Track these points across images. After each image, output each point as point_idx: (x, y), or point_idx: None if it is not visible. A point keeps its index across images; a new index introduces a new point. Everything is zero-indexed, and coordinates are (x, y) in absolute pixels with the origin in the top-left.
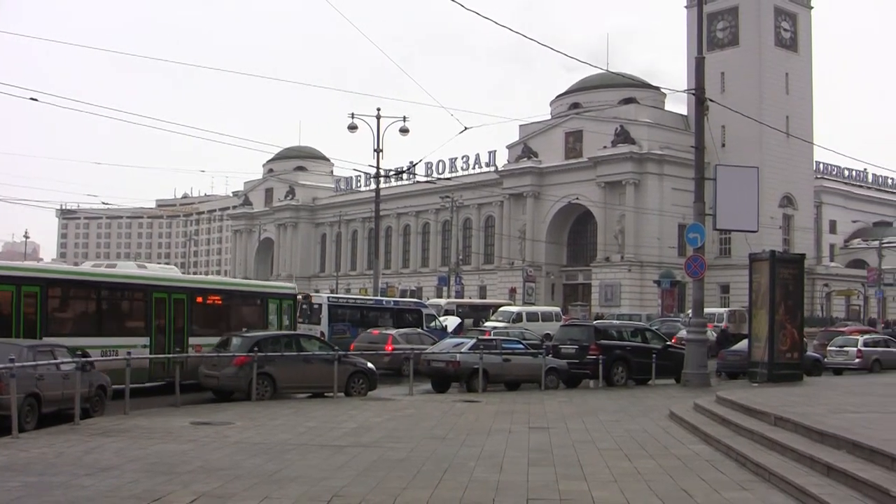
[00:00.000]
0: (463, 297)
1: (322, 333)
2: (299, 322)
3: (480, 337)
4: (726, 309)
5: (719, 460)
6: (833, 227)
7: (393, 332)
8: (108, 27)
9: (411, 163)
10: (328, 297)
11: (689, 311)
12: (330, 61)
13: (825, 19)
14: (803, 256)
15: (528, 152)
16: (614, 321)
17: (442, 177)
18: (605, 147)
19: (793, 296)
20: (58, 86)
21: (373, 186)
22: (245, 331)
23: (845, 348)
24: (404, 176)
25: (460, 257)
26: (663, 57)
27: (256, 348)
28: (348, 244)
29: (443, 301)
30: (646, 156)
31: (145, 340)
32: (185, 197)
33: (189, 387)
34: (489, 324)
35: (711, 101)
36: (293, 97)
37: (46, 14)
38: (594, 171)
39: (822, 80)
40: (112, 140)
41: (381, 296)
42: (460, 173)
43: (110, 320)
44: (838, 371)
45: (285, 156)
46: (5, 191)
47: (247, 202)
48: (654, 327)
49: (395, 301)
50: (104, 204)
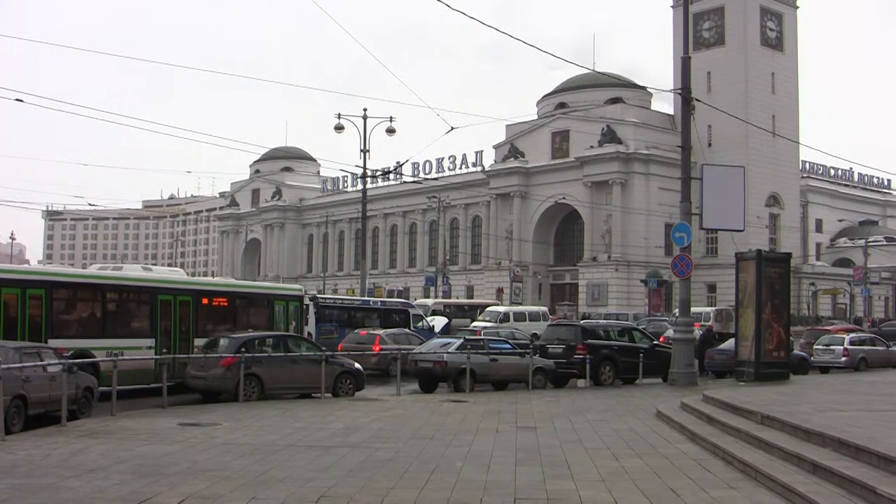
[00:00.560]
0: (450, 298)
1: (309, 334)
2: None
3: (468, 337)
4: (713, 308)
5: (706, 459)
6: (819, 226)
7: (380, 332)
8: (92, 28)
9: (398, 163)
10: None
11: (676, 311)
12: (316, 62)
13: (811, 19)
14: (789, 255)
15: (514, 152)
16: (601, 321)
17: (429, 177)
18: (591, 147)
19: (779, 295)
20: (43, 87)
21: (360, 187)
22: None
23: (832, 347)
24: (391, 176)
25: (447, 257)
26: (644, 54)
27: (244, 349)
28: (335, 245)
29: (430, 301)
30: (632, 155)
31: (150, 342)
32: (172, 198)
33: (181, 388)
34: (478, 324)
35: (698, 100)
36: (280, 98)
37: (31, 15)
38: (581, 170)
39: (808, 79)
40: (98, 141)
41: (369, 296)
42: (447, 173)
43: (115, 322)
44: (825, 369)
45: (272, 156)
46: None
47: (233, 203)
48: (641, 327)
49: (382, 301)
50: (90, 205)
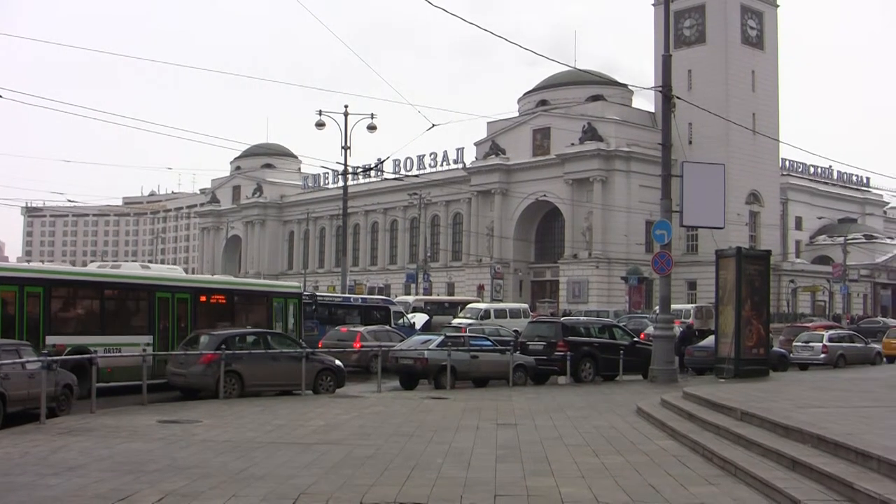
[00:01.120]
0: (431, 295)
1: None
2: None
3: (448, 334)
4: (693, 305)
5: (686, 455)
6: (799, 224)
7: (361, 329)
8: (72, 24)
9: (379, 160)
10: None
11: (657, 308)
12: (297, 59)
13: (791, 17)
14: (769, 253)
15: (496, 149)
16: (582, 318)
17: (410, 174)
18: (572, 144)
19: (759, 292)
20: (23, 83)
21: (340, 184)
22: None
23: (811, 344)
24: (372, 173)
25: (428, 254)
26: (624, 50)
27: (224, 346)
28: (316, 241)
29: (411, 298)
30: (613, 153)
31: (148, 339)
32: (153, 194)
33: (165, 386)
34: (461, 321)
35: (678, 98)
36: (260, 94)
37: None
38: (562, 168)
39: (788, 77)
40: (78, 137)
41: (349, 293)
42: (428, 170)
43: (113, 319)
44: (804, 366)
45: (253, 153)
46: None
47: (214, 200)
48: (621, 324)
49: (362, 298)
50: (70, 202)
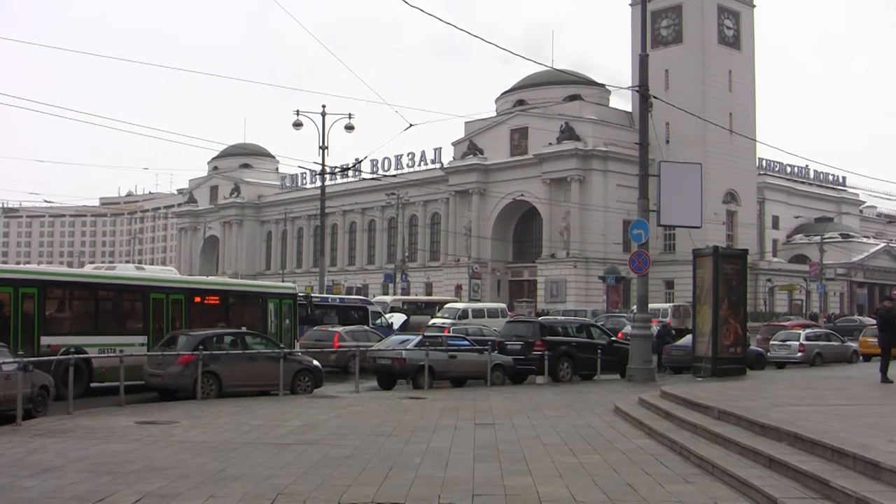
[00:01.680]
0: (409, 295)
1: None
2: None
3: (426, 334)
4: (671, 304)
5: (663, 454)
6: (776, 223)
7: (340, 329)
8: (47, 24)
9: (357, 160)
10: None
11: (634, 307)
12: (274, 59)
13: (767, 17)
14: (746, 252)
15: (473, 149)
16: (559, 317)
17: (387, 174)
18: (550, 144)
19: (736, 291)
20: None
21: (318, 184)
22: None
23: (788, 342)
24: (350, 173)
25: (406, 254)
26: (601, 48)
27: (201, 347)
28: (294, 242)
29: (389, 298)
30: (590, 152)
31: (143, 339)
32: (130, 195)
33: (139, 387)
34: (445, 320)
35: (656, 98)
36: (238, 95)
37: None
38: (539, 167)
39: (765, 77)
40: (55, 137)
41: (327, 293)
42: (406, 170)
43: (108, 320)
44: (781, 365)
45: (230, 153)
46: None
47: (191, 200)
48: (599, 323)
49: (340, 298)
50: (47, 202)
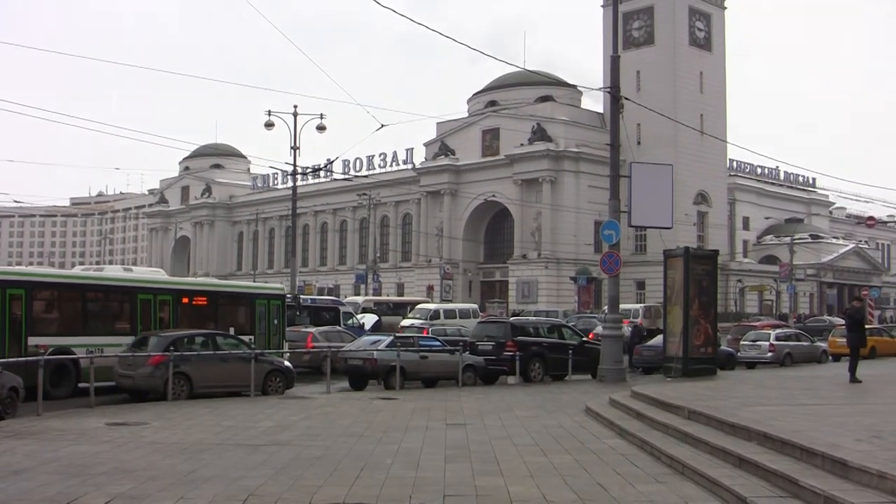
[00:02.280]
0: (381, 295)
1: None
2: None
3: (398, 334)
4: (642, 305)
5: (634, 454)
6: (746, 224)
7: (313, 329)
8: (14, 23)
9: (328, 160)
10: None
11: (605, 308)
12: (245, 59)
13: (738, 19)
14: (717, 253)
15: (445, 150)
16: (531, 318)
17: (359, 174)
18: (521, 145)
19: (706, 291)
20: None
21: (290, 184)
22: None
23: (758, 342)
24: (322, 173)
25: (378, 255)
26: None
27: (172, 348)
28: (265, 242)
29: (360, 299)
30: (562, 153)
31: (131, 340)
32: (100, 195)
33: (110, 388)
34: (409, 321)
35: (627, 99)
36: (209, 94)
37: None
38: (511, 168)
39: (736, 79)
40: (24, 137)
41: (299, 294)
42: (378, 171)
43: (95, 321)
44: (751, 365)
45: (201, 153)
46: None
47: (163, 200)
48: (570, 324)
49: (312, 299)
50: (16, 202)
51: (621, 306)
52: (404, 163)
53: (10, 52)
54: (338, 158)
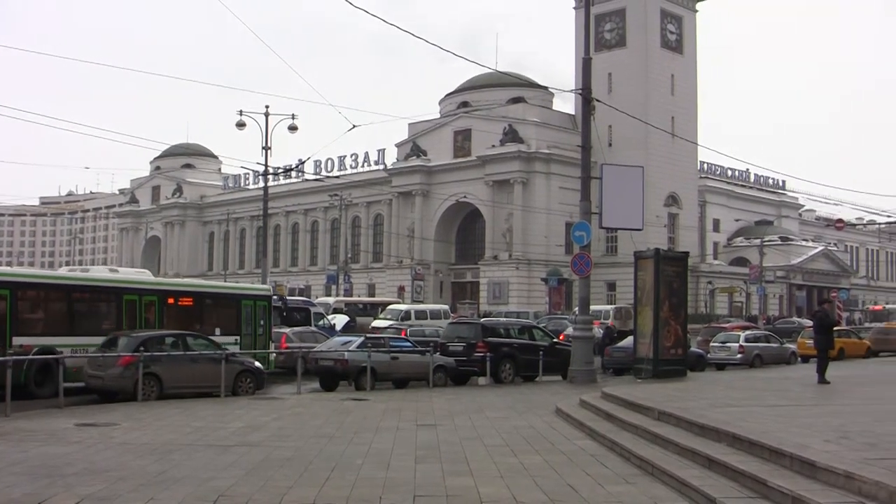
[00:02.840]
0: (352, 296)
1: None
2: None
3: (369, 335)
4: (612, 306)
5: (604, 455)
6: (716, 226)
7: (287, 330)
8: None
9: (300, 160)
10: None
11: (576, 309)
12: (217, 59)
13: (709, 22)
14: (687, 254)
15: (417, 151)
16: (502, 319)
17: (331, 175)
18: (493, 146)
19: (677, 293)
20: None
21: (261, 184)
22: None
23: (728, 344)
24: (293, 174)
25: (349, 255)
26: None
27: (142, 348)
28: (236, 242)
29: (331, 300)
30: (533, 155)
31: None
32: (70, 194)
33: (78, 389)
34: (390, 322)
35: (598, 101)
36: (180, 94)
37: None
38: (482, 169)
39: (707, 81)
40: None
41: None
42: (349, 171)
43: (80, 321)
44: (721, 366)
45: (172, 153)
46: None
47: (133, 200)
48: (541, 325)
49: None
50: None
51: (592, 307)
52: (376, 163)
53: None
54: (309, 159)
